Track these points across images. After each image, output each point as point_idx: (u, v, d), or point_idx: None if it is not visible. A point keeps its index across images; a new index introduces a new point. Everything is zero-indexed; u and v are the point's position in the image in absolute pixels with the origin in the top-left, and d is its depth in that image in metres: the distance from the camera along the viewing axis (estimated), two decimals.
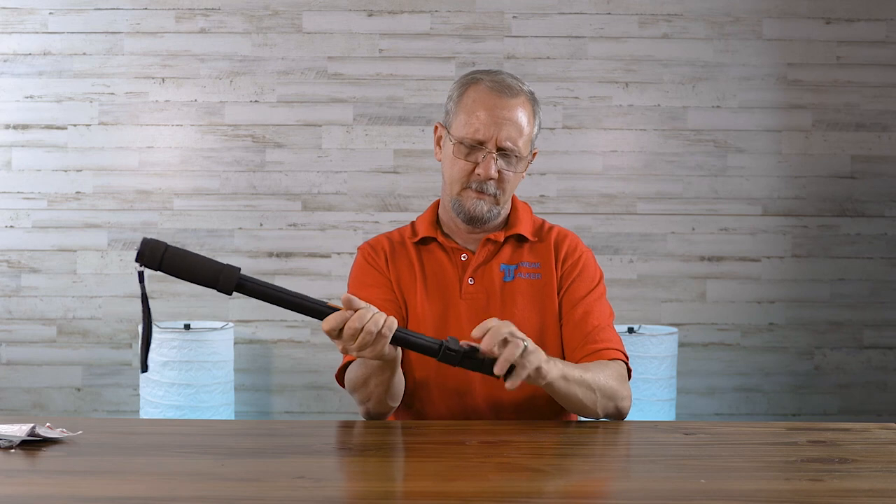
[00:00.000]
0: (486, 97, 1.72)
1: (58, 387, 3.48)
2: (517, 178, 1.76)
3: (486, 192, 1.73)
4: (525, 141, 1.73)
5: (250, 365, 3.47)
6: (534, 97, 1.77)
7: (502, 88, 1.72)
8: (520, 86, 1.75)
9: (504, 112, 1.71)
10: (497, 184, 1.72)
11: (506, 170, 1.72)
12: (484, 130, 1.70)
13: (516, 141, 1.71)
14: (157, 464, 1.31)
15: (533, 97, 1.77)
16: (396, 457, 1.39)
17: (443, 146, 1.78)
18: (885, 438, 1.49)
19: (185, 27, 3.46)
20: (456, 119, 1.74)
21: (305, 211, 3.48)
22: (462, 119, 1.72)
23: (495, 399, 1.72)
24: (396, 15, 3.48)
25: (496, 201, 1.74)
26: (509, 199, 1.79)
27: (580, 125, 3.49)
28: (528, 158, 1.76)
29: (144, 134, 3.47)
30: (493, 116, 1.70)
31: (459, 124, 1.72)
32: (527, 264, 1.78)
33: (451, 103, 1.77)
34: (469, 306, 1.74)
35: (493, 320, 1.50)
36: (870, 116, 3.51)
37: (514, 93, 1.72)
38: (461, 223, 1.78)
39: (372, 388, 1.61)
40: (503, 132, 1.70)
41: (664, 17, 3.49)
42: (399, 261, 1.80)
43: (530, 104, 1.75)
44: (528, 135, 1.74)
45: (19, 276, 3.47)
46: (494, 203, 1.74)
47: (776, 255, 3.52)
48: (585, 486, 1.26)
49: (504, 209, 1.79)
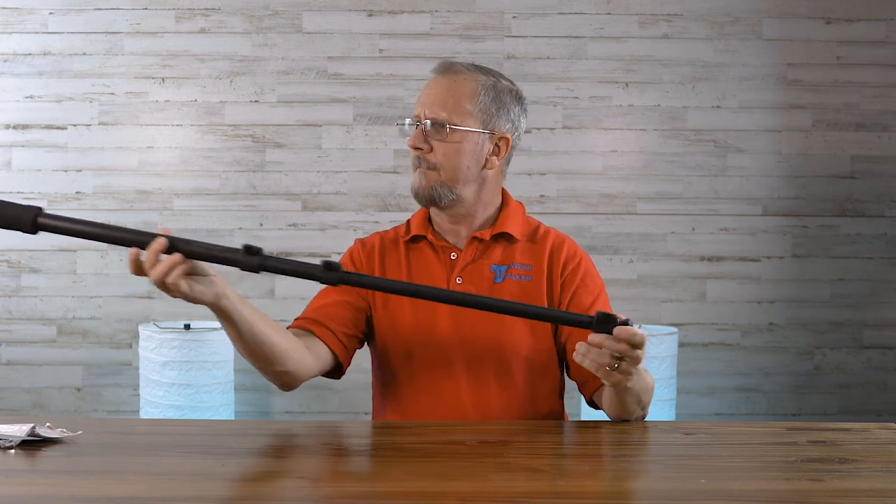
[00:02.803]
0: (429, 80, 1.76)
1: (58, 387, 3.48)
2: (453, 150, 1.71)
3: (419, 166, 1.74)
4: (456, 112, 1.71)
5: (250, 365, 3.47)
6: (487, 80, 1.74)
7: (443, 69, 1.75)
8: (468, 68, 1.74)
9: (433, 87, 1.74)
10: (431, 156, 1.72)
11: (435, 139, 1.71)
12: (417, 107, 1.74)
13: (440, 110, 1.71)
14: (157, 464, 1.31)
15: (484, 80, 1.73)
16: (396, 457, 1.39)
17: None
18: (885, 438, 1.49)
19: (185, 27, 3.46)
20: None
21: (305, 211, 3.48)
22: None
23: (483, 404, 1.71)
24: (396, 15, 3.48)
25: (438, 178, 1.72)
26: (459, 179, 1.73)
27: (580, 125, 3.49)
28: (468, 132, 1.71)
29: (144, 134, 3.47)
30: (426, 92, 1.74)
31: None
32: (518, 266, 1.76)
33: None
34: (454, 308, 1.70)
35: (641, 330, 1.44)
36: (870, 116, 3.51)
37: (454, 71, 1.74)
38: (442, 214, 1.77)
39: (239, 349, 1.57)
40: (427, 102, 1.72)
41: (664, 17, 3.49)
42: (388, 259, 1.80)
43: (473, 82, 1.73)
44: (463, 107, 1.71)
45: (19, 276, 3.47)
46: (437, 181, 1.72)
47: (776, 255, 3.52)
48: (585, 486, 1.26)
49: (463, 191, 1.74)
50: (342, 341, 1.73)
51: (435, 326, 1.73)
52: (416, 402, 1.73)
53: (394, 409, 1.76)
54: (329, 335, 1.72)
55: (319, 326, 1.72)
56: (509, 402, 1.71)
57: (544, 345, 1.74)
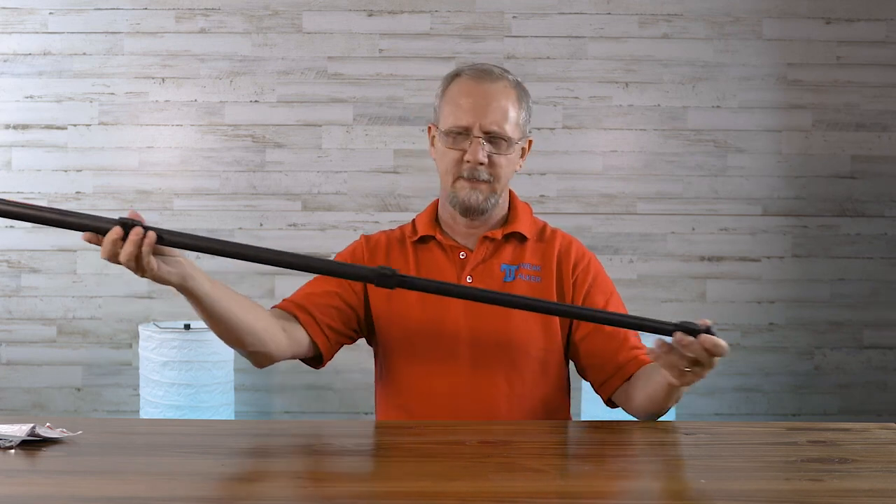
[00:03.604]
0: (468, 85, 1.72)
1: (58, 387, 3.48)
2: (509, 163, 1.73)
3: (478, 178, 1.71)
4: (512, 125, 1.71)
5: (250, 365, 3.47)
6: (519, 85, 1.76)
7: (482, 75, 1.73)
8: (502, 73, 1.75)
9: (486, 96, 1.71)
10: (489, 170, 1.71)
11: (495, 154, 1.71)
12: (467, 117, 1.70)
13: (501, 123, 1.70)
14: (157, 464, 1.31)
15: (518, 85, 1.75)
16: (396, 456, 1.39)
17: (435, 144, 1.78)
18: (885, 438, 1.49)
19: (185, 27, 3.46)
20: (442, 113, 1.74)
21: (305, 211, 3.48)
22: (447, 111, 1.72)
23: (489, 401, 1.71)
24: (396, 15, 3.48)
25: (491, 189, 1.72)
26: (505, 187, 1.77)
27: (580, 125, 3.49)
28: (519, 144, 1.74)
29: (144, 134, 3.47)
30: (475, 102, 1.70)
31: (445, 116, 1.73)
32: (528, 266, 1.77)
33: (437, 100, 1.77)
34: (466, 303, 1.71)
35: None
36: (870, 116, 3.51)
37: (494, 78, 1.72)
38: (459, 217, 1.77)
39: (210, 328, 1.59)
40: (487, 115, 1.69)
41: (664, 17, 3.49)
42: (395, 258, 1.79)
43: (514, 90, 1.73)
44: (514, 119, 1.72)
45: (19, 276, 3.46)
46: (491, 191, 1.72)
47: (776, 255, 3.52)
48: (585, 486, 1.25)
49: (502, 199, 1.77)
50: (325, 333, 1.72)
51: (446, 321, 1.73)
52: (422, 397, 1.73)
53: (398, 405, 1.76)
54: (312, 323, 1.71)
55: (304, 313, 1.72)
56: (517, 401, 1.72)
57: (553, 344, 1.75)
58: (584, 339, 1.75)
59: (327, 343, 1.73)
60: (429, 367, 1.73)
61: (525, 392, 1.72)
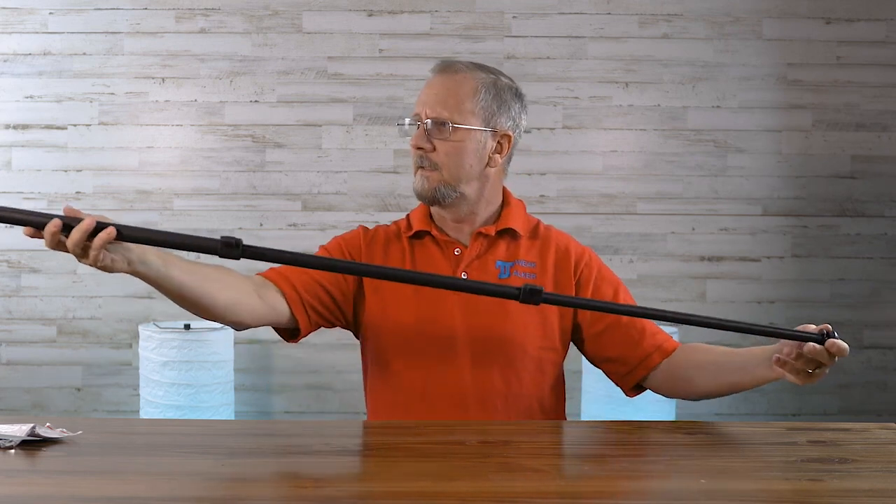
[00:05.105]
0: (429, 79, 1.75)
1: (58, 387, 3.48)
2: (457, 150, 1.71)
3: (422, 165, 1.73)
4: (460, 111, 1.70)
5: (250, 365, 3.47)
6: (489, 77, 1.74)
7: (444, 68, 1.74)
8: (470, 67, 1.74)
9: (439, 86, 1.73)
10: (431, 155, 1.71)
11: (438, 138, 1.71)
12: (418, 106, 1.73)
13: (438, 109, 1.70)
14: (157, 464, 1.31)
15: (486, 76, 1.74)
16: (396, 457, 1.39)
17: None
18: (885, 438, 1.49)
19: (185, 27, 3.46)
20: None
21: (305, 211, 3.48)
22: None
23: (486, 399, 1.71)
24: (396, 15, 3.48)
25: (440, 178, 1.72)
26: (460, 174, 1.73)
27: (580, 125, 3.49)
28: (470, 130, 1.71)
29: (144, 134, 3.47)
30: (428, 92, 1.73)
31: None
32: (523, 262, 1.77)
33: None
34: (461, 300, 1.71)
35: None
36: (870, 116, 3.51)
37: (454, 70, 1.73)
38: (436, 210, 1.78)
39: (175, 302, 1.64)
40: (434, 102, 1.71)
41: (664, 17, 3.49)
42: (392, 253, 1.79)
43: (473, 80, 1.72)
44: (468, 107, 1.71)
45: (19, 276, 3.46)
46: (440, 180, 1.72)
47: (776, 255, 3.52)
48: (585, 486, 1.25)
49: (466, 189, 1.74)
50: (305, 307, 1.72)
51: (442, 320, 1.72)
52: (419, 395, 1.73)
53: (394, 404, 1.76)
54: (294, 296, 1.71)
55: (287, 284, 1.72)
56: (514, 400, 1.72)
57: (551, 343, 1.75)
58: (603, 332, 1.77)
59: (305, 316, 1.73)
60: (425, 363, 1.72)
61: (522, 391, 1.72)
